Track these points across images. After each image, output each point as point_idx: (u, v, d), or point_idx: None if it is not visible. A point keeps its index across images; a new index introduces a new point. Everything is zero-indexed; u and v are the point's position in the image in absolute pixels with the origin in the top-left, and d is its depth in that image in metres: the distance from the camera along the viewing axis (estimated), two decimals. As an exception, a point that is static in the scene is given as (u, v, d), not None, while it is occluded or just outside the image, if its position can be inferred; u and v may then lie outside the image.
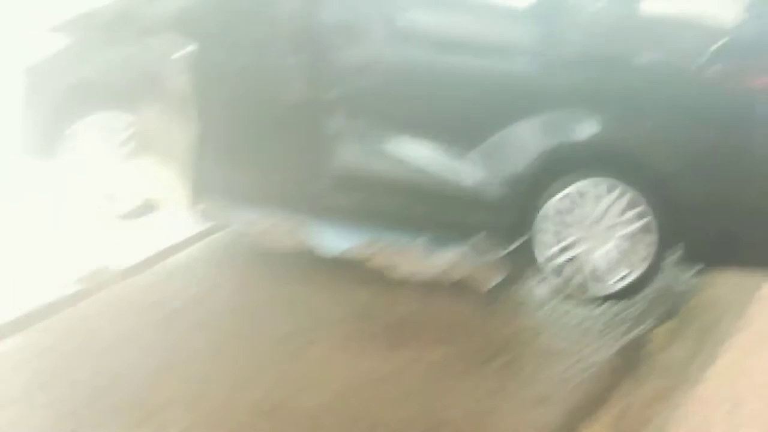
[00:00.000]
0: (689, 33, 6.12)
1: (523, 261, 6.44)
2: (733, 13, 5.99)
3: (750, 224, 5.96)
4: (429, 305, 6.43)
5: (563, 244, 6.22)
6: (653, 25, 6.21)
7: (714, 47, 5.86)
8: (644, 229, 6.05)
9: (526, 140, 6.16)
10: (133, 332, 6.06)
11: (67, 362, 5.70)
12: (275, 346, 5.96)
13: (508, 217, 6.34)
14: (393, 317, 6.31)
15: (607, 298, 6.25)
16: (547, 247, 6.27)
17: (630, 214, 6.05)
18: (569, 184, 6.13)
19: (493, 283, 6.55)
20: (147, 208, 7.06)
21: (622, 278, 6.16)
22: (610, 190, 6.07)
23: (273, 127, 6.73)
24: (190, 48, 6.24)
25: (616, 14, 6.25)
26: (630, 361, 5.89)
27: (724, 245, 6.06)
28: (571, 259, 6.22)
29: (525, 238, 6.34)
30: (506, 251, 6.56)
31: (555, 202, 6.18)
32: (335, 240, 6.72)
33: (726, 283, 6.61)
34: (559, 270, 6.27)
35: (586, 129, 6.10)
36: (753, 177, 5.91)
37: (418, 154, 6.43)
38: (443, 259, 6.55)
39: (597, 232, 6.13)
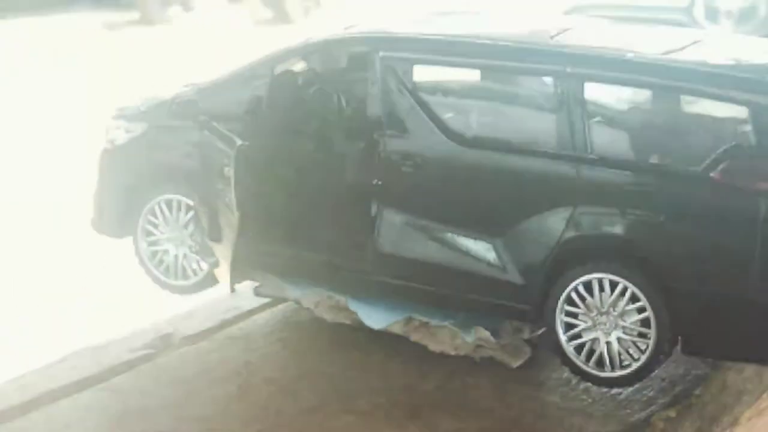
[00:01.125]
0: (699, 137, 6.51)
1: (547, 342, 6.78)
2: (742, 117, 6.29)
3: (750, 321, 6.21)
4: (453, 381, 6.90)
5: (579, 329, 6.56)
6: (666, 129, 6.62)
7: (720, 150, 6.19)
8: (644, 324, 6.34)
9: (546, 231, 6.58)
10: (179, 398, 6.68)
11: (117, 424, 6.34)
12: (309, 415, 6.53)
13: (532, 300, 6.73)
14: (417, 390, 6.81)
15: (612, 383, 6.57)
16: (567, 330, 6.62)
17: (631, 307, 6.37)
18: (582, 275, 6.49)
19: (518, 362, 7.00)
20: (210, 281, 7.58)
21: (625, 366, 6.45)
22: (614, 284, 6.40)
23: (324, 211, 7.30)
24: (243, 142, 6.79)
25: (635, 120, 6.71)
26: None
27: (724, 340, 6.31)
28: (585, 344, 6.56)
29: (548, 321, 6.69)
30: (532, 333, 7.01)
31: (571, 290, 6.55)
32: (378, 315, 7.22)
33: (741, 372, 6.77)
34: (576, 353, 6.61)
35: (599, 225, 6.50)
36: (753, 276, 6.17)
37: (452, 240, 6.91)
38: (473, 338, 7.00)
39: (605, 321, 6.46)
